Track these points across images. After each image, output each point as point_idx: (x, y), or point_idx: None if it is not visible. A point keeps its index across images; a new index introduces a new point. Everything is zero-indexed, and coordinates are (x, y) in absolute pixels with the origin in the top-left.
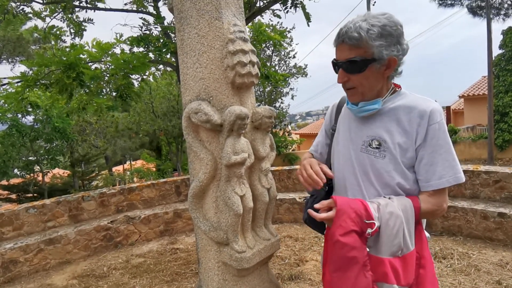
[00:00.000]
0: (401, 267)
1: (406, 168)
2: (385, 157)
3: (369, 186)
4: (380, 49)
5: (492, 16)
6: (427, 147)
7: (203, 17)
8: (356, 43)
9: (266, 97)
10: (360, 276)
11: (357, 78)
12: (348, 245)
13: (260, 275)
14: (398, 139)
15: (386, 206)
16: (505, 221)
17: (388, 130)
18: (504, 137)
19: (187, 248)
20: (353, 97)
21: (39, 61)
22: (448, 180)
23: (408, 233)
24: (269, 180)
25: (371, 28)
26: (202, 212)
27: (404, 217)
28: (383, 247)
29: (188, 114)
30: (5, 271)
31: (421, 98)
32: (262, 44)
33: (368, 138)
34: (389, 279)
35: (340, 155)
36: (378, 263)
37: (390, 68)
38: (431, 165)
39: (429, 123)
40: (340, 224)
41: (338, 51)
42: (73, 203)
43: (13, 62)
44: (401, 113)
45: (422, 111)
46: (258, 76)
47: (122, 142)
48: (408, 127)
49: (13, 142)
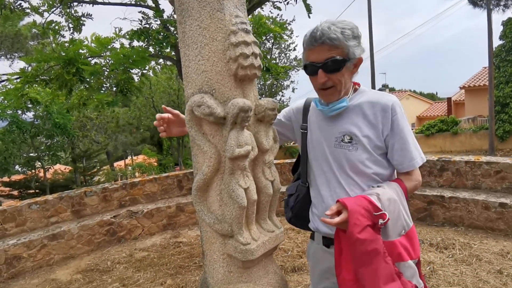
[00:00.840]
0: (408, 243)
1: (377, 155)
2: (358, 149)
3: (346, 178)
4: (353, 49)
5: (492, 6)
6: (395, 135)
7: (205, 9)
8: (337, 43)
9: (266, 90)
10: (382, 263)
11: (336, 77)
12: (367, 240)
13: (264, 267)
14: (367, 132)
15: (384, 194)
16: (506, 211)
17: (356, 125)
18: (505, 128)
19: (190, 241)
20: (331, 96)
21: (38, 57)
22: (417, 161)
23: (405, 212)
24: (272, 173)
25: (345, 30)
26: (207, 205)
27: (399, 199)
28: (391, 231)
29: (191, 107)
30: (9, 267)
31: (380, 93)
32: (262, 36)
33: (340, 134)
34: (403, 257)
35: (316, 153)
36: (391, 246)
37: (357, 67)
38: (402, 150)
39: (392, 115)
40: (354, 223)
41: (316, 53)
42: (76, 199)
43: (12, 58)
44: (366, 108)
45: (385, 105)
46: (261, 68)
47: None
48: (373, 120)
49: (13, 139)
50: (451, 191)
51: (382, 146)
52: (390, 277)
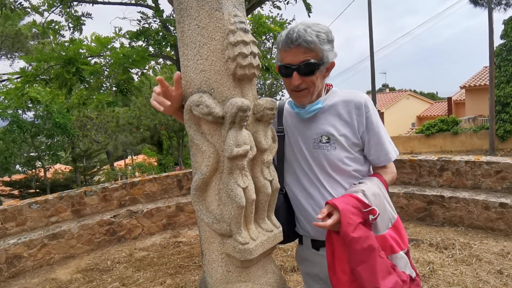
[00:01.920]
0: (397, 234)
1: (355, 152)
2: (336, 148)
3: (328, 178)
4: (327, 53)
5: (493, 6)
6: (370, 132)
7: (203, 8)
8: (312, 46)
9: (266, 89)
10: (378, 258)
11: (310, 80)
12: (361, 237)
13: (263, 266)
14: (343, 131)
15: (368, 190)
16: (506, 211)
17: (332, 125)
18: (505, 128)
19: (190, 241)
20: (304, 98)
21: (38, 56)
22: (392, 155)
23: (389, 205)
24: (271, 172)
25: (320, 34)
26: (205, 205)
27: (382, 194)
28: (380, 226)
29: (189, 106)
30: (10, 266)
31: (352, 92)
32: (262, 36)
33: (317, 135)
34: (394, 249)
35: (296, 156)
36: (383, 240)
37: (329, 71)
38: (377, 145)
39: (365, 111)
40: (348, 222)
41: (291, 55)
42: (76, 198)
43: (12, 58)
44: (340, 108)
45: (358, 103)
46: (260, 67)
47: (123, 137)
48: (348, 118)
49: (14, 138)
50: (451, 191)
51: (358, 143)
52: (386, 270)
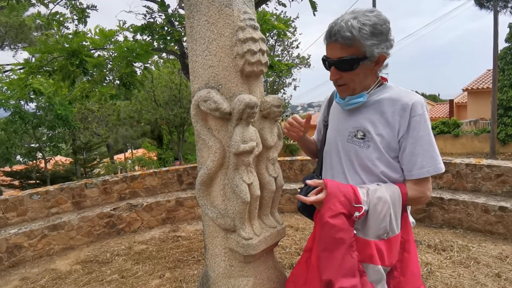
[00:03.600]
0: (386, 249)
1: (390, 157)
2: (369, 147)
3: (354, 174)
4: (372, 48)
5: (499, 8)
6: (409, 138)
7: (213, 4)
8: (349, 42)
9: (268, 87)
10: (347, 256)
11: (348, 76)
12: (336, 226)
13: (265, 262)
14: (381, 130)
15: (375, 192)
16: (506, 215)
17: (372, 122)
18: (507, 132)
19: (189, 235)
20: (344, 93)
21: (42, 48)
22: (428, 170)
23: (394, 218)
24: (276, 169)
25: (363, 27)
26: (210, 200)
27: (392, 203)
28: (370, 230)
29: (197, 102)
30: (10, 255)
31: (405, 91)
32: (266, 33)
33: (354, 129)
34: (374, 260)
35: (330, 146)
36: (365, 245)
37: (379, 64)
38: (412, 155)
39: (411, 115)
40: (329, 207)
41: (330, 49)
42: (76, 190)
43: (16, 49)
44: (385, 106)
45: (405, 104)
46: (267, 64)
47: (123, 131)
48: (391, 119)
49: (15, 129)
50: (451, 193)
51: (396, 147)
52: (350, 271)
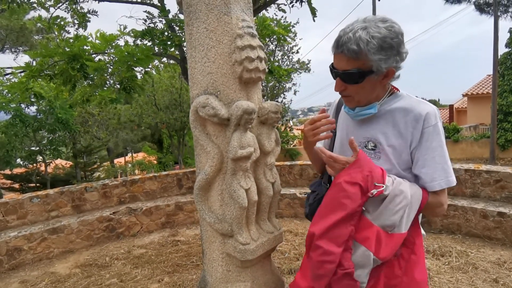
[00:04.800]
0: (386, 242)
1: (401, 169)
2: (380, 158)
3: None
4: (379, 62)
5: (499, 13)
6: (421, 149)
7: (212, 12)
8: (355, 56)
9: (269, 92)
10: (341, 223)
11: (353, 88)
12: (346, 191)
13: (263, 267)
14: (393, 141)
15: (399, 184)
16: (504, 221)
17: (383, 132)
18: (506, 137)
19: (188, 240)
20: (349, 103)
21: (43, 51)
22: (440, 183)
23: (406, 216)
24: (273, 175)
25: (371, 40)
26: (208, 205)
27: (411, 201)
28: (379, 217)
29: (195, 108)
30: (10, 258)
31: (418, 100)
32: (266, 38)
33: (364, 139)
34: (368, 244)
35: (340, 154)
36: (366, 226)
37: (388, 77)
38: (423, 168)
39: (424, 126)
40: (349, 173)
41: (336, 60)
42: (76, 194)
43: (16, 52)
44: (397, 116)
45: (418, 115)
46: (266, 71)
47: (124, 134)
48: (403, 130)
49: (16, 132)
50: (450, 199)
51: (407, 159)
52: (337, 239)
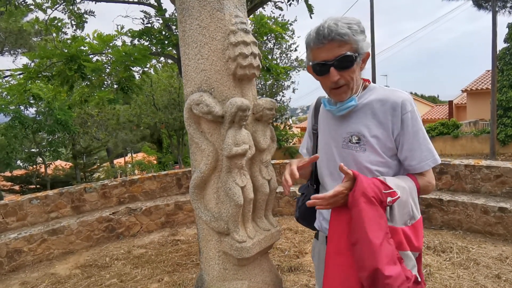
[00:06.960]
0: (413, 234)
1: (388, 157)
2: (366, 150)
3: None
4: (362, 43)
5: (498, 9)
6: (405, 135)
7: (205, 8)
8: (346, 38)
9: (267, 90)
10: (385, 243)
11: (348, 74)
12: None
13: (260, 265)
14: (375, 132)
15: (390, 180)
16: (505, 216)
17: (365, 125)
18: (506, 132)
19: (188, 239)
20: (343, 94)
21: (41, 53)
22: (428, 163)
23: (413, 204)
24: (269, 172)
25: (351, 25)
26: (204, 203)
27: (408, 188)
28: (397, 217)
29: (189, 105)
30: (10, 260)
31: (390, 90)
32: (263, 36)
33: (348, 134)
34: (404, 246)
35: (323, 154)
36: (393, 233)
37: (365, 62)
38: (411, 151)
39: (402, 113)
40: (363, 192)
41: (325, 51)
42: (76, 195)
43: (15, 54)
44: (375, 107)
45: (394, 103)
46: (260, 68)
47: (123, 135)
48: (383, 119)
49: (15, 134)
50: (450, 195)
51: (392, 147)
52: (391, 259)
